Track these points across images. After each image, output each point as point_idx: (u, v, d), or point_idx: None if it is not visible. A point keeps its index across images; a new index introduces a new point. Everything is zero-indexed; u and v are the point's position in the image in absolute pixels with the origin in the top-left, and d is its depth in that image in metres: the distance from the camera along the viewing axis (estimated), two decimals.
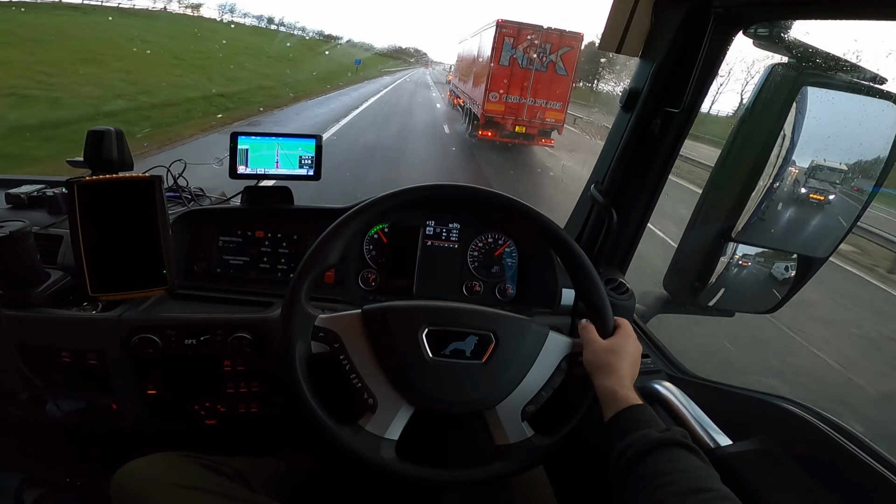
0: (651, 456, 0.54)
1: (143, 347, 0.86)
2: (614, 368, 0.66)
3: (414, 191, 0.76)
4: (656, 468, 0.52)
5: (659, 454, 0.54)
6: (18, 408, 0.94)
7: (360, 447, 0.67)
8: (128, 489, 0.72)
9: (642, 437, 0.56)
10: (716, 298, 1.06)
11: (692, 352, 2.03)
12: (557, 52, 9.01)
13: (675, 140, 0.98)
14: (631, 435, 0.57)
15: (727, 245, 1.01)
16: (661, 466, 0.52)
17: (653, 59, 0.97)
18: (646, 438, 0.55)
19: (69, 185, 0.80)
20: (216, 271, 1.07)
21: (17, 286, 0.84)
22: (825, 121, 0.87)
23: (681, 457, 0.53)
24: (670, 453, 0.54)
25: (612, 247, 1.10)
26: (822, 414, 0.71)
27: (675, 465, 0.52)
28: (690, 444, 0.56)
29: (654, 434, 0.56)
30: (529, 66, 9.13)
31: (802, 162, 0.89)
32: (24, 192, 1.08)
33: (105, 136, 0.98)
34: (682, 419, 0.77)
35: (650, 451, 0.54)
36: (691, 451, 0.55)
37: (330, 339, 0.71)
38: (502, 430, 0.70)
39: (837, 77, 0.88)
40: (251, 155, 1.02)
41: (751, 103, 0.90)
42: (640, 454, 0.54)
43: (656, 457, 0.54)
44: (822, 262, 0.96)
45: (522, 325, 0.73)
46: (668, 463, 0.53)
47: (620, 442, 0.57)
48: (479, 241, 1.11)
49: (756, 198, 0.93)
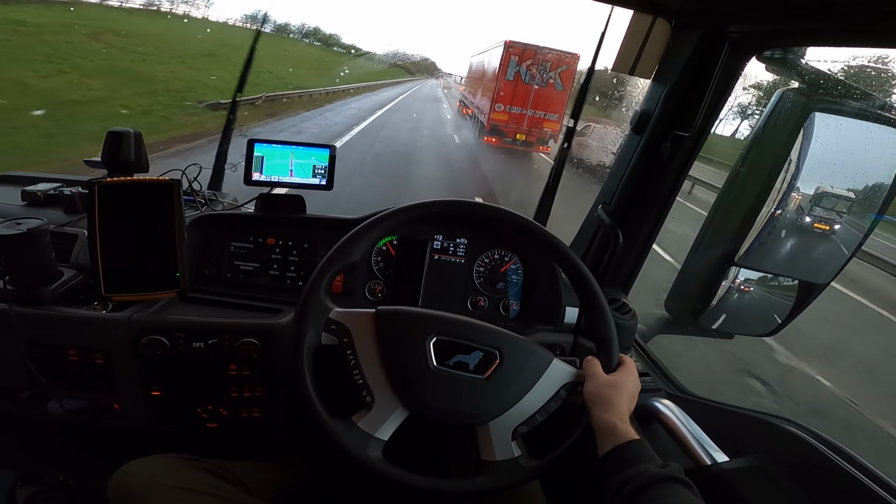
0: (650, 491, 0.55)
1: (151, 349, 0.87)
2: (614, 403, 0.68)
3: (442, 204, 0.79)
4: (654, 503, 0.54)
5: (658, 489, 0.55)
6: (20, 405, 0.94)
7: (349, 442, 0.68)
8: (125, 489, 0.72)
9: (642, 471, 0.57)
10: (717, 322, 1.07)
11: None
12: (556, 70, 10.16)
13: (684, 163, 1.00)
14: (630, 469, 0.59)
15: (729, 269, 1.02)
16: (658, 502, 0.54)
17: (665, 81, 0.98)
18: (645, 473, 0.57)
19: (90, 185, 0.81)
20: (226, 276, 1.08)
21: (30, 283, 0.85)
22: (832, 147, 0.88)
23: (678, 493, 0.55)
24: (668, 488, 0.55)
25: (617, 267, 1.12)
26: (819, 434, 0.72)
27: (672, 501, 0.54)
28: (686, 480, 0.57)
29: (653, 469, 0.57)
30: (531, 81, 10.19)
31: (807, 188, 0.90)
32: (40, 190, 1.08)
33: (124, 138, 0.99)
34: (679, 436, 0.78)
35: (649, 486, 0.56)
36: (687, 486, 0.57)
37: (340, 333, 0.73)
38: (490, 447, 0.70)
39: (847, 104, 0.90)
40: (266, 162, 1.04)
41: (761, 127, 0.92)
42: (640, 489, 0.56)
43: (654, 492, 0.55)
44: (822, 287, 0.97)
45: (529, 348, 0.74)
46: (666, 499, 0.54)
47: (618, 475, 0.59)
48: (485, 257, 1.12)
49: (760, 223, 0.94)
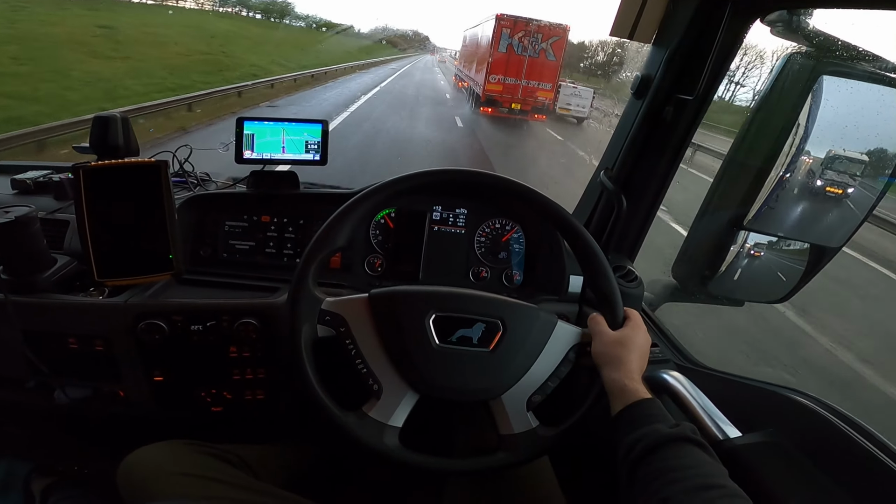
0: (660, 451, 0.53)
1: (149, 333, 0.86)
2: (623, 361, 0.65)
3: (422, 175, 0.75)
4: (665, 464, 0.52)
5: (668, 450, 0.53)
6: (26, 395, 0.94)
7: (364, 434, 0.66)
8: (134, 477, 0.73)
9: (652, 431, 0.55)
10: (726, 287, 1.05)
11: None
12: (548, 41, 10.87)
13: (688, 128, 0.97)
14: (640, 429, 0.56)
15: (738, 233, 1.00)
16: (670, 462, 0.52)
17: (666, 45, 0.95)
18: (655, 433, 0.55)
19: (74, 170, 0.79)
20: (222, 256, 1.07)
21: (24, 271, 0.84)
22: (842, 110, 0.85)
23: (690, 453, 0.53)
24: (680, 449, 0.53)
25: (622, 234, 1.09)
26: (833, 406, 0.70)
27: (684, 462, 0.51)
28: (700, 440, 0.55)
29: (664, 429, 0.55)
30: (523, 52, 10.89)
31: (818, 152, 0.87)
32: (29, 178, 1.07)
33: (111, 122, 0.97)
34: (690, 410, 0.76)
35: (659, 446, 0.53)
36: (701, 447, 0.54)
37: (336, 323, 0.70)
38: (507, 420, 0.69)
39: (856, 66, 0.86)
40: (257, 140, 1.01)
41: (767, 91, 0.88)
42: (650, 449, 0.54)
43: (665, 452, 0.53)
44: (835, 251, 0.94)
45: (531, 313, 0.71)
46: (678, 459, 0.52)
47: (629, 436, 0.56)
48: (486, 227, 1.10)
49: (769, 186, 0.91)
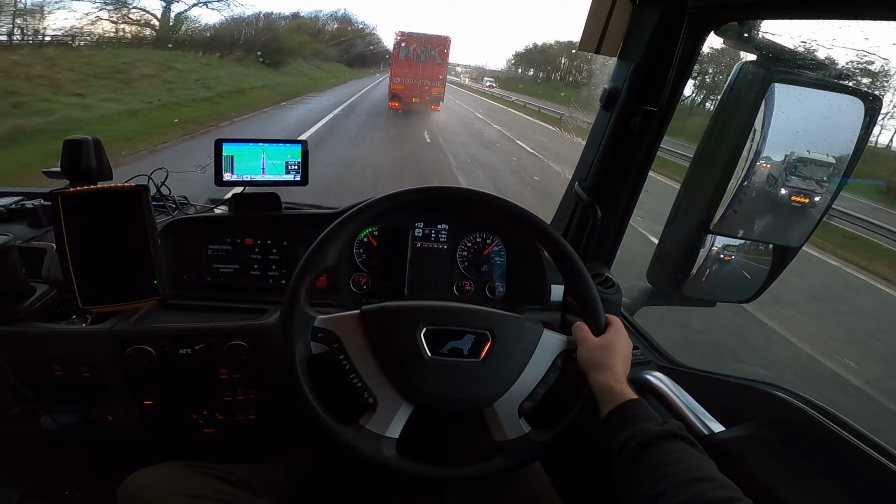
0: (652, 448, 0.56)
1: (137, 359, 0.85)
2: (608, 365, 0.68)
3: (408, 193, 0.78)
4: (657, 460, 0.55)
5: (659, 446, 0.56)
6: (11, 422, 0.92)
7: (362, 446, 0.68)
8: (135, 499, 0.72)
9: (641, 430, 0.58)
10: (698, 289, 1.10)
11: None
12: (435, 49, 14.27)
13: (655, 137, 1.01)
14: (630, 429, 0.59)
15: (706, 237, 1.04)
16: (662, 458, 0.55)
17: (631, 59, 0.99)
18: (645, 432, 0.58)
19: (52, 197, 0.78)
20: (206, 280, 1.06)
21: (4, 301, 0.83)
22: (793, 116, 0.90)
23: (680, 448, 0.56)
24: (670, 445, 0.56)
25: (598, 242, 1.13)
26: (808, 398, 0.73)
27: (675, 457, 0.54)
28: (687, 436, 0.58)
29: (653, 427, 0.58)
30: (418, 59, 14.16)
31: (775, 156, 0.92)
32: (2, 206, 1.05)
33: (83, 146, 0.95)
34: (674, 407, 0.79)
35: (650, 444, 0.56)
36: (689, 442, 0.57)
37: (329, 340, 0.72)
38: (500, 427, 0.71)
39: (805, 74, 0.91)
40: (236, 163, 1.01)
41: (724, 99, 0.93)
42: (641, 447, 0.56)
43: (656, 449, 0.56)
44: (796, 251, 0.99)
45: (518, 323, 0.74)
46: (669, 455, 0.55)
47: (620, 436, 0.59)
48: (467, 241, 1.12)
49: (731, 190, 0.95)
